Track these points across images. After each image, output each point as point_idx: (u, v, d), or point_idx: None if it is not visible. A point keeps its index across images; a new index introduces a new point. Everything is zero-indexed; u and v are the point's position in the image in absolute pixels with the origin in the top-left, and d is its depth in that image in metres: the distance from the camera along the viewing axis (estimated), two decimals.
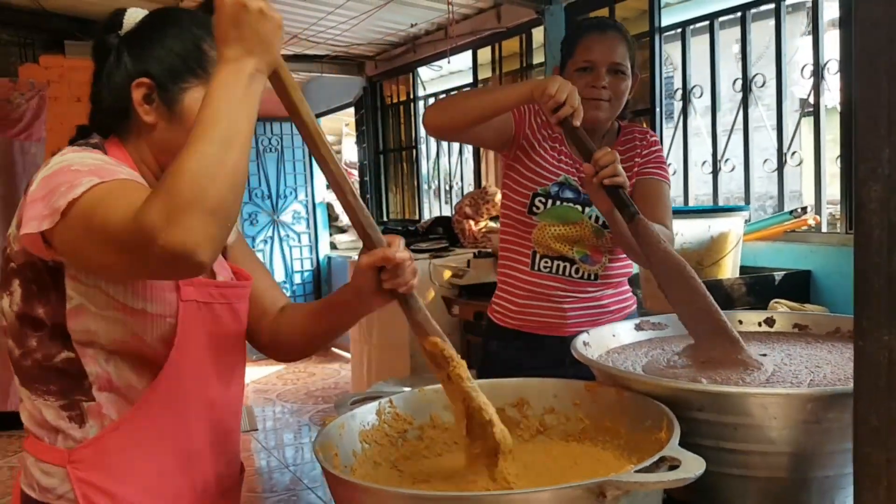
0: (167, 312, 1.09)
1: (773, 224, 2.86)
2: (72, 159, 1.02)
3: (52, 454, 1.09)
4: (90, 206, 0.94)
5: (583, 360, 1.33)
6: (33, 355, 1.08)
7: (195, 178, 0.87)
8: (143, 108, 1.10)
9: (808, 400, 1.09)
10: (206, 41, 1.12)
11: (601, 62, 1.80)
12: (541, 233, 1.85)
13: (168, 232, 0.85)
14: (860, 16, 0.73)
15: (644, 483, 0.91)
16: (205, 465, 1.18)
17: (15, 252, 1.06)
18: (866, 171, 0.73)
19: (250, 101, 0.95)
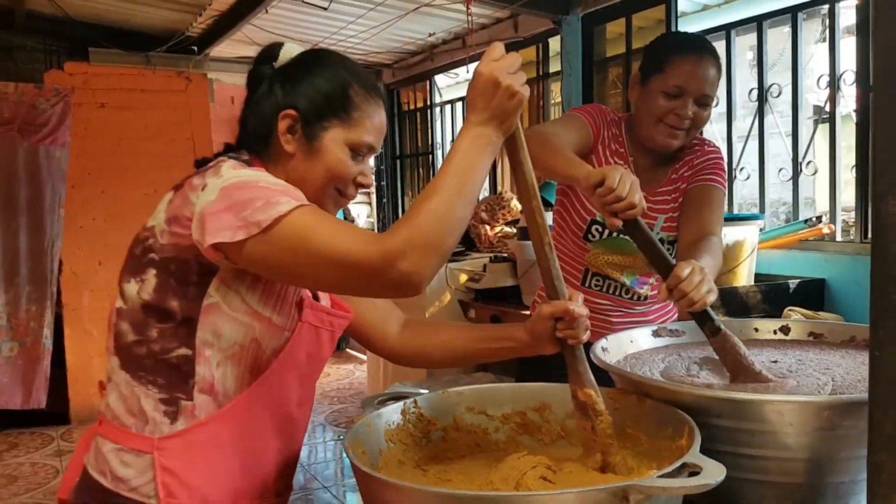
0: (287, 326, 1.19)
1: (788, 233, 2.88)
2: (252, 175, 1.11)
3: (138, 441, 1.14)
4: (304, 226, 1.04)
5: (602, 366, 1.35)
6: (150, 345, 1.14)
7: (439, 223, 1.02)
8: (286, 138, 1.19)
9: (823, 407, 1.10)
10: (352, 87, 1.21)
11: (693, 91, 1.71)
12: (595, 258, 1.86)
13: (408, 262, 1.00)
14: (878, 34, 0.74)
15: (667, 488, 0.93)
16: (267, 471, 1.24)
17: (160, 245, 1.13)
18: (884, 186, 0.74)
19: (486, 162, 1.09)
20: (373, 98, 1.23)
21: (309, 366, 1.27)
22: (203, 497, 1.15)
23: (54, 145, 4.87)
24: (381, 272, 1.01)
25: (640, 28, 3.89)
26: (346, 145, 1.21)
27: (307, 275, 1.08)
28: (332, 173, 1.20)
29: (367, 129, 1.22)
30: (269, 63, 1.24)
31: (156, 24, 5.01)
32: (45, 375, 4.80)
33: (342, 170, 1.21)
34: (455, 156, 1.07)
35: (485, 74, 1.07)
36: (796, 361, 1.43)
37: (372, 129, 1.23)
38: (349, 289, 1.14)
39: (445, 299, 4.22)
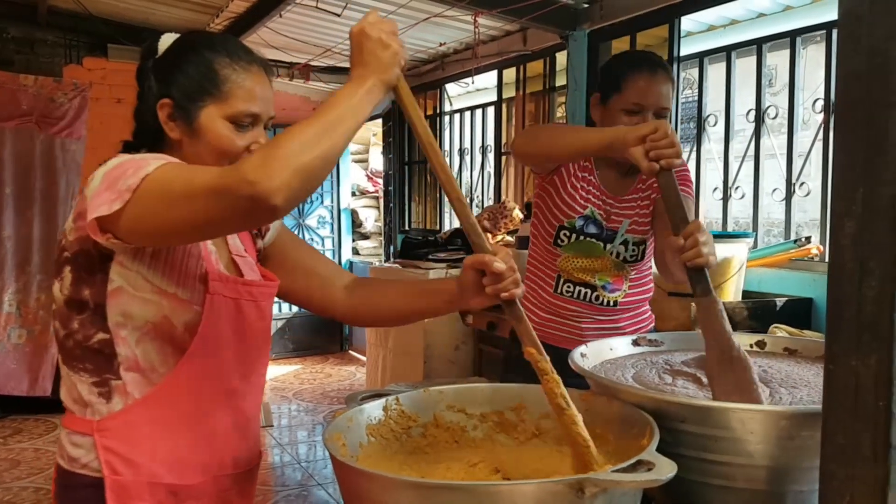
0: (195, 300, 1.23)
1: (778, 252, 2.93)
2: (130, 156, 1.16)
3: (81, 424, 1.23)
4: (169, 174, 1.08)
5: (578, 371, 1.40)
6: (75, 336, 1.22)
7: (291, 144, 1.01)
8: (168, 126, 1.25)
9: (782, 417, 1.14)
10: (216, 61, 1.25)
11: (651, 106, 1.79)
12: (565, 263, 1.94)
13: (255, 174, 0.99)
14: (843, 65, 0.79)
15: (619, 481, 0.97)
16: (224, 447, 1.30)
17: (70, 242, 1.20)
18: (842, 208, 0.78)
19: (363, 104, 1.10)
20: (241, 66, 1.26)
21: (240, 337, 1.29)
22: (150, 472, 1.21)
23: (70, 138, 4.97)
24: (231, 189, 1.00)
25: (646, 46, 3.95)
26: (225, 119, 1.24)
27: (176, 221, 1.08)
28: (218, 149, 1.24)
29: (241, 99, 1.24)
30: (150, 57, 1.29)
31: (173, 24, 5.11)
32: (51, 363, 4.87)
33: (227, 144, 1.24)
34: (329, 100, 1.09)
35: (354, 31, 1.13)
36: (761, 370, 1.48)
37: (247, 97, 1.25)
38: (217, 223, 1.10)
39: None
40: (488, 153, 5.39)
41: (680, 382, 1.40)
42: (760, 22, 3.83)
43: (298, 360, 6.96)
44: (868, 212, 0.77)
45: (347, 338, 7.34)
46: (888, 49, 0.74)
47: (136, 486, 1.20)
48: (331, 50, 5.19)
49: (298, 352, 7.05)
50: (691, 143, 3.65)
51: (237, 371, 1.30)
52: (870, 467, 0.78)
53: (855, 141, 0.78)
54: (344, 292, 1.46)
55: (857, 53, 0.77)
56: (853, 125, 0.78)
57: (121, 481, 1.19)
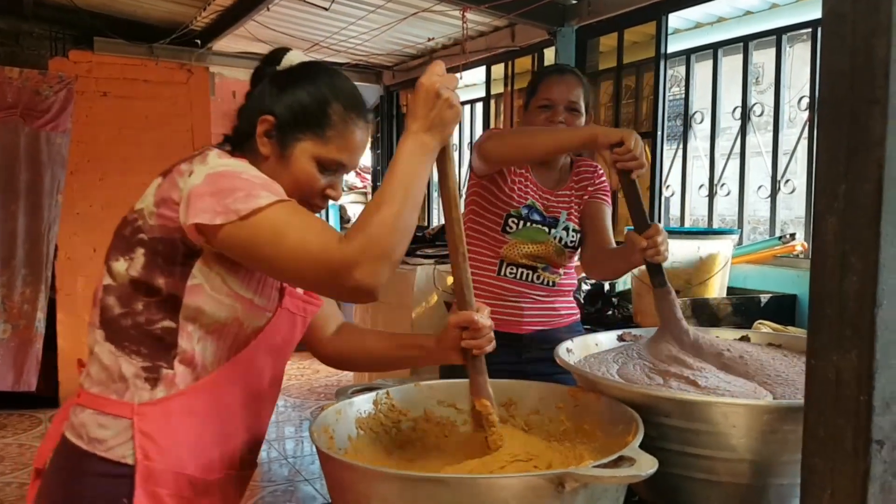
0: (268, 307, 1.28)
1: (762, 248, 2.95)
2: (235, 165, 1.17)
3: (118, 407, 1.20)
4: (279, 221, 1.11)
5: (563, 366, 1.41)
6: (136, 317, 1.21)
7: (390, 233, 1.09)
8: (262, 140, 1.26)
9: (765, 411, 1.16)
10: (332, 105, 1.27)
11: (559, 101, 2.03)
12: (511, 250, 2.07)
13: (363, 270, 1.07)
14: (826, 63, 0.80)
15: (599, 476, 0.98)
16: (235, 444, 1.31)
17: (149, 226, 1.19)
18: (824, 205, 0.80)
19: (427, 171, 1.17)
20: (352, 119, 1.29)
21: (283, 348, 1.34)
22: (177, 461, 1.21)
23: (56, 132, 4.92)
24: (339, 277, 1.08)
25: (633, 43, 3.98)
26: (314, 159, 1.26)
27: (275, 267, 1.14)
28: (298, 183, 1.26)
29: (339, 148, 1.28)
30: (272, 66, 1.31)
31: (160, 17, 5.08)
32: (36, 358, 4.84)
33: (308, 181, 1.27)
34: (399, 164, 1.14)
35: (426, 85, 1.16)
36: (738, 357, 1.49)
37: (345, 148, 1.28)
38: (307, 285, 1.20)
39: (432, 300, 4.29)
40: None
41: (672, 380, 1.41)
42: (747, 20, 3.85)
43: None
44: (850, 208, 0.78)
45: None
46: (871, 47, 0.76)
47: (163, 474, 1.20)
48: (318, 44, 5.17)
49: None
50: (678, 141, 3.68)
51: (269, 377, 1.34)
52: (851, 461, 0.80)
53: (837, 138, 0.79)
54: (333, 335, 1.51)
55: (840, 51, 0.79)
56: (836, 122, 0.79)
57: (151, 467, 1.19)
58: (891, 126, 0.75)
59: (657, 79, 3.65)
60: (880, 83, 0.75)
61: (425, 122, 1.16)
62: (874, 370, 0.77)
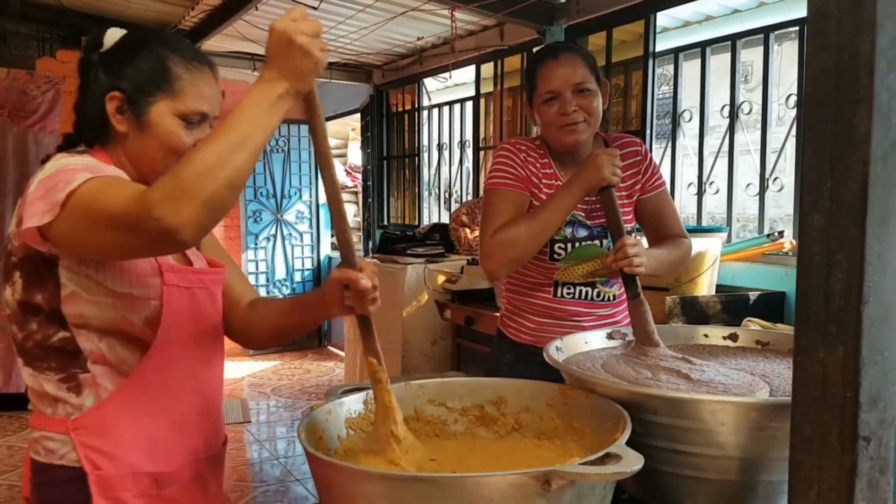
0: (151, 295, 1.24)
1: (750, 246, 2.96)
2: (65, 162, 1.15)
3: (55, 424, 1.22)
4: (89, 194, 1.08)
5: (552, 364, 1.41)
6: (34, 337, 1.21)
7: (198, 171, 0.99)
8: (116, 119, 1.24)
9: (752, 408, 1.15)
10: (171, 59, 1.25)
11: (564, 87, 1.80)
12: (564, 274, 1.89)
13: (161, 209, 0.98)
14: (812, 61, 0.80)
15: (585, 474, 0.97)
16: (194, 431, 1.32)
17: (15, 247, 1.20)
18: (810, 203, 0.80)
19: (271, 117, 1.06)
20: (196, 67, 1.27)
21: (199, 324, 1.32)
22: (130, 464, 1.22)
23: (43, 132, 4.90)
24: (137, 223, 1.01)
25: (622, 41, 3.98)
26: (175, 116, 1.24)
27: (98, 245, 1.09)
28: (166, 145, 1.24)
29: (193, 97, 1.25)
30: (95, 50, 1.28)
31: (149, 16, 5.05)
32: None
33: (175, 140, 1.24)
34: (238, 108, 1.06)
35: (278, 30, 1.06)
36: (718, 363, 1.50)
37: (199, 97, 1.26)
38: (126, 250, 1.11)
39: (423, 299, 4.29)
40: (466, 148, 5.39)
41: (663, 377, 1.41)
42: (735, 18, 3.87)
43: (277, 355, 6.93)
44: (835, 205, 0.78)
45: (326, 333, 7.33)
46: (856, 46, 0.76)
47: (120, 479, 1.21)
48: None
49: (277, 347, 7.02)
50: (666, 139, 3.69)
51: (199, 357, 1.33)
52: (837, 457, 0.80)
53: (823, 136, 0.79)
54: (244, 312, 1.46)
55: (825, 50, 0.79)
56: (821, 120, 0.79)
57: (103, 475, 1.20)
58: (875, 124, 0.75)
59: (646, 77, 3.66)
60: (865, 81, 0.75)
61: (276, 71, 1.06)
62: (860, 367, 0.78)
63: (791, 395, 0.85)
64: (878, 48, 0.75)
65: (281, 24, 1.06)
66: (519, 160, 1.88)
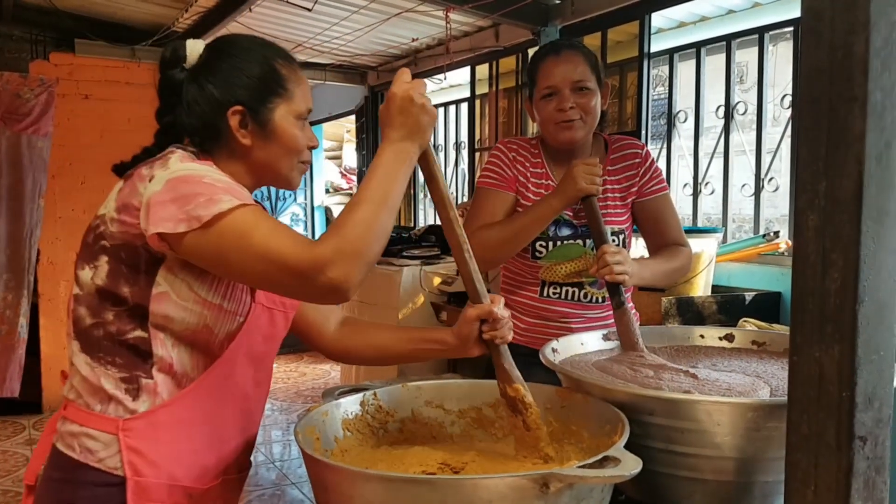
0: (239, 311, 1.24)
1: (747, 247, 2.97)
2: (199, 170, 1.14)
3: (102, 422, 1.18)
4: (244, 224, 1.09)
5: (549, 366, 1.41)
6: (107, 327, 1.18)
7: (365, 233, 1.07)
8: (241, 133, 1.23)
9: (749, 409, 1.16)
10: (276, 60, 1.26)
11: (563, 85, 1.81)
12: (549, 272, 1.89)
13: (336, 270, 1.05)
14: (805, 60, 0.80)
15: (583, 477, 0.98)
16: (230, 448, 1.30)
17: (111, 233, 1.16)
18: (805, 202, 0.80)
19: (406, 175, 1.15)
20: (294, 66, 1.29)
21: (265, 346, 1.32)
22: (169, 474, 1.19)
23: (37, 135, 4.88)
24: (310, 277, 1.06)
25: (617, 42, 3.98)
26: (293, 117, 1.26)
27: (242, 272, 1.12)
28: (291, 149, 1.26)
29: (302, 96, 1.27)
30: (178, 66, 1.25)
31: (142, 18, 5.04)
32: (19, 364, 4.79)
33: (298, 142, 1.27)
34: (378, 169, 1.13)
35: (399, 94, 1.15)
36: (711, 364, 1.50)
37: (306, 94, 1.29)
38: (279, 289, 1.17)
39: (419, 301, 4.29)
40: (462, 149, 5.40)
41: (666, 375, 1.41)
42: (730, 18, 3.88)
43: None
44: (831, 205, 0.79)
45: None
46: (849, 44, 0.76)
47: (157, 488, 1.18)
48: (302, 45, 5.15)
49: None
50: (662, 140, 3.69)
51: (253, 377, 1.31)
52: (834, 456, 0.80)
53: (817, 135, 0.79)
54: (335, 329, 1.49)
55: (818, 49, 0.79)
56: (816, 119, 0.80)
57: (142, 483, 1.17)
58: (870, 123, 0.76)
59: (641, 78, 3.66)
60: (859, 80, 0.75)
61: (403, 130, 1.15)
62: (856, 366, 0.78)
63: (787, 394, 0.85)
64: (872, 47, 0.75)
65: (399, 88, 1.15)
66: (507, 159, 1.92)
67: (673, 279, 1.91)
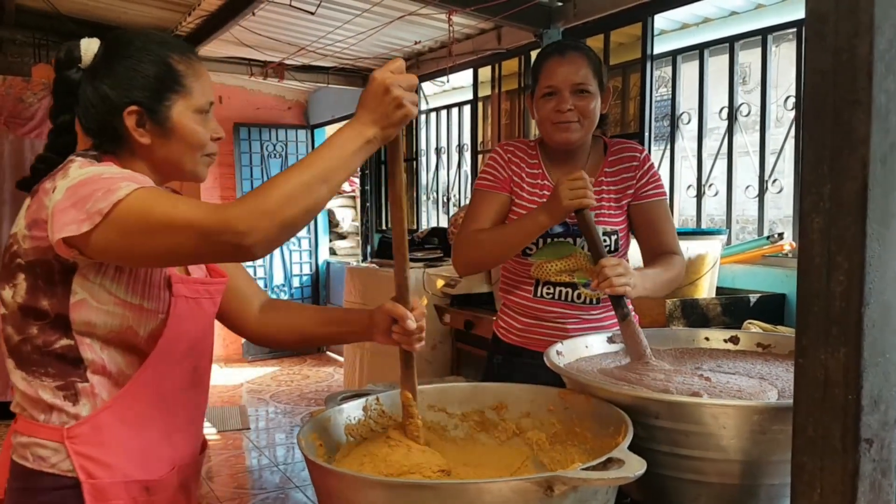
0: (160, 309, 1.24)
1: (751, 248, 2.96)
2: (95, 170, 1.14)
3: (48, 432, 1.21)
4: (146, 202, 1.09)
5: (553, 369, 1.40)
6: (33, 341, 1.20)
7: (283, 195, 1.05)
8: (138, 132, 1.23)
9: (754, 411, 1.15)
10: (171, 57, 1.25)
11: (563, 86, 1.82)
12: (540, 270, 1.89)
13: (243, 224, 1.03)
14: (810, 63, 0.80)
15: (587, 479, 0.97)
16: (182, 439, 1.33)
17: (25, 250, 1.18)
18: (810, 205, 0.80)
19: (357, 158, 1.13)
20: (192, 59, 1.28)
21: (198, 334, 1.33)
22: (122, 472, 1.22)
23: (40, 139, 4.88)
24: (216, 232, 1.04)
25: (620, 44, 3.98)
26: (192, 113, 1.26)
27: (151, 250, 1.11)
28: (192, 144, 1.26)
29: (201, 91, 1.27)
30: (73, 66, 1.24)
31: (145, 22, 5.05)
32: None
33: (199, 138, 1.27)
34: (329, 142, 1.12)
35: (378, 80, 1.12)
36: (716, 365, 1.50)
37: (205, 88, 1.28)
38: (191, 257, 1.16)
39: (422, 303, 4.28)
40: (465, 152, 5.40)
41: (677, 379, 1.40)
42: (733, 20, 3.87)
43: (275, 361, 6.91)
44: (836, 207, 0.79)
45: None
46: (853, 47, 0.76)
47: (113, 487, 1.21)
48: (305, 48, 5.16)
49: (275, 353, 7.01)
50: (665, 141, 3.69)
51: (191, 367, 1.33)
52: (839, 459, 0.80)
53: (822, 138, 0.79)
54: (257, 312, 1.48)
55: (823, 51, 0.79)
56: (820, 122, 0.80)
57: (97, 484, 1.20)
58: (874, 126, 0.75)
59: (644, 80, 3.66)
60: (863, 83, 0.75)
61: (370, 115, 1.13)
62: (862, 369, 0.78)
63: (793, 397, 0.85)
64: (876, 50, 0.75)
65: (381, 74, 1.13)
66: (503, 161, 1.94)
67: (670, 289, 1.89)
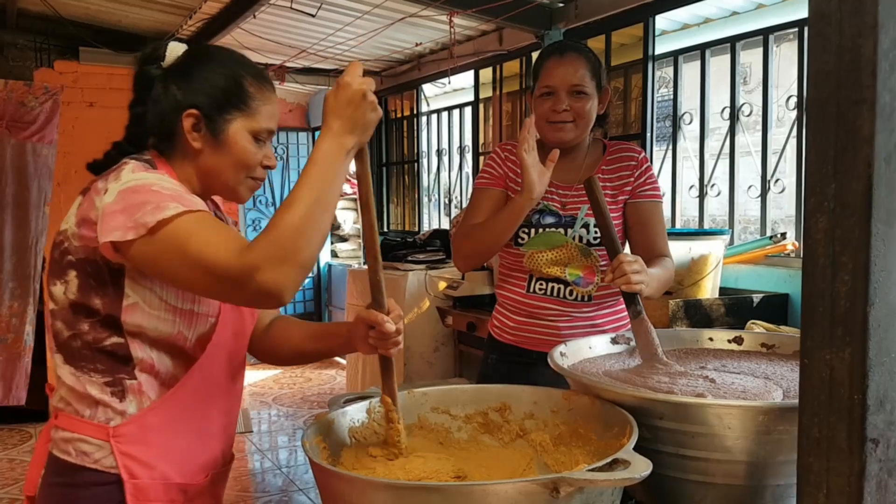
0: (211, 313, 1.27)
1: (753, 248, 2.96)
2: (147, 178, 1.16)
3: (94, 430, 1.22)
4: (185, 232, 1.10)
5: (557, 370, 1.40)
6: (83, 337, 1.22)
7: (297, 237, 1.06)
8: (192, 136, 1.25)
9: (760, 412, 1.15)
10: (245, 78, 1.28)
11: (560, 86, 1.85)
12: (531, 260, 1.91)
13: (267, 275, 1.04)
14: (813, 63, 0.80)
15: (593, 480, 0.97)
16: (216, 444, 1.34)
17: (75, 247, 1.20)
18: (814, 205, 0.80)
19: (342, 174, 1.14)
20: (265, 86, 1.31)
21: (236, 343, 1.35)
22: (163, 474, 1.23)
23: (42, 143, 4.89)
24: (241, 285, 1.06)
25: (621, 45, 3.98)
26: (249, 133, 1.28)
27: (181, 278, 1.13)
28: (240, 162, 1.28)
29: (265, 116, 1.29)
30: (155, 63, 1.29)
31: (146, 26, 5.06)
32: (25, 372, 4.80)
33: (249, 158, 1.28)
34: (314, 165, 1.12)
35: (353, 86, 1.12)
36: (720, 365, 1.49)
37: (269, 115, 1.30)
38: (215, 296, 1.19)
39: (424, 306, 4.29)
40: (466, 153, 5.40)
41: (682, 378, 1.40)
42: (734, 20, 3.86)
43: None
44: (840, 207, 0.78)
45: None
46: (857, 46, 0.76)
47: (153, 488, 1.22)
48: (306, 51, 5.17)
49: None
50: (667, 142, 3.68)
51: (230, 373, 1.34)
52: (846, 459, 0.80)
53: (826, 137, 0.79)
54: (265, 329, 1.49)
55: (826, 51, 0.79)
56: (824, 122, 0.79)
57: (139, 484, 1.21)
58: (879, 125, 0.75)
59: (645, 80, 3.66)
60: (867, 82, 0.75)
61: (348, 123, 1.13)
62: (867, 368, 0.77)
63: (798, 397, 0.85)
64: (880, 49, 0.74)
65: (353, 79, 1.13)
66: (500, 159, 1.99)
67: (663, 291, 1.90)
